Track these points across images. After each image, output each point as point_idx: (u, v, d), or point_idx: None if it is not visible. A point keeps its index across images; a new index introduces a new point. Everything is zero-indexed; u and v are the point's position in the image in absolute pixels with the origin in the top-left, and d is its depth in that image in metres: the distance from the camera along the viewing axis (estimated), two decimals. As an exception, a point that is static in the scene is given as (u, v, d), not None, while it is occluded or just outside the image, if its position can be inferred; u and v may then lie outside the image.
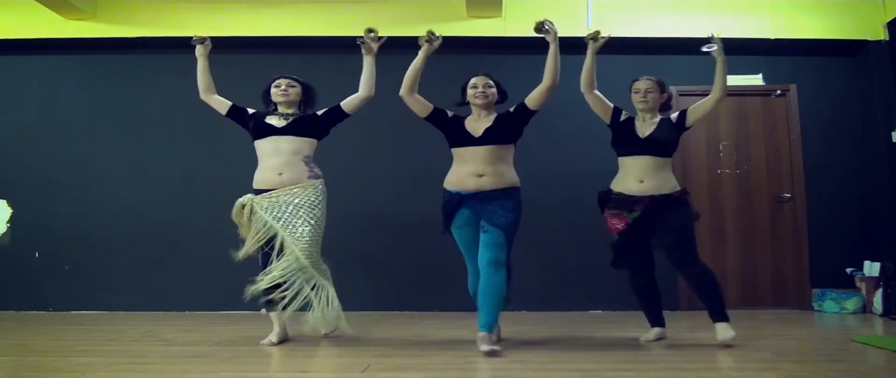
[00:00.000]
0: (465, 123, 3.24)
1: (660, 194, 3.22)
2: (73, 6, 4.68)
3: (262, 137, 3.42)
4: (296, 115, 3.48)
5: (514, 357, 2.89)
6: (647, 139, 3.27)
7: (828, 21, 4.90)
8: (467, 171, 3.15)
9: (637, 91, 3.36)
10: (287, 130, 3.40)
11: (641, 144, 3.27)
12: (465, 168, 3.17)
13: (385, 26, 4.78)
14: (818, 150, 4.96)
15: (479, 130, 3.18)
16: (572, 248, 4.72)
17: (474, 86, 3.26)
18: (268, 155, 3.39)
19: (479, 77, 3.30)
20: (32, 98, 5.06)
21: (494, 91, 3.28)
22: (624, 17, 4.85)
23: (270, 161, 3.38)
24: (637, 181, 3.24)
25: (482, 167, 3.13)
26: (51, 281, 4.84)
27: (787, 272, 4.90)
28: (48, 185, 4.94)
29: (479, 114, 3.27)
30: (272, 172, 3.37)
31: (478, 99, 3.23)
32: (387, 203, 4.82)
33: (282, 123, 3.41)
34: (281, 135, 3.39)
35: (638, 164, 3.26)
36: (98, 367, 2.73)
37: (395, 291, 4.76)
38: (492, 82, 3.29)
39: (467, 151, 3.17)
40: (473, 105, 3.27)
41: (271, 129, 3.40)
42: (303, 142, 3.42)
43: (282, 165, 3.36)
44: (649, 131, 3.30)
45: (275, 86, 3.50)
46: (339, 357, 3.09)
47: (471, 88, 3.27)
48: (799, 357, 2.91)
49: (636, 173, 3.25)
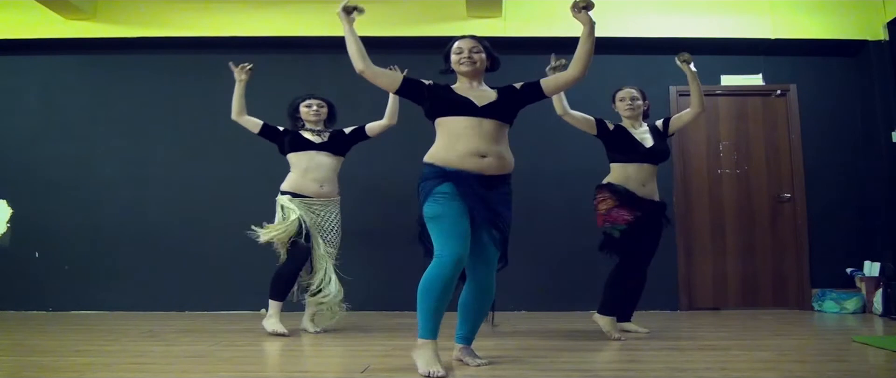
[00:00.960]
0: (456, 90, 2.73)
1: (657, 201, 3.50)
2: (73, 6, 4.68)
3: (300, 151, 3.78)
4: (327, 131, 3.87)
5: (514, 357, 2.89)
6: (651, 149, 3.49)
7: (828, 21, 4.90)
8: (469, 149, 2.60)
9: (623, 99, 3.58)
10: (325, 147, 3.80)
11: (645, 153, 3.48)
12: (465, 144, 2.60)
13: (385, 26, 4.82)
14: (818, 150, 4.96)
15: (479, 100, 2.66)
16: (572, 248, 4.72)
17: (459, 50, 2.76)
18: (308, 167, 3.75)
19: (465, 40, 2.79)
20: (32, 98, 5.06)
21: (483, 57, 2.77)
22: (624, 17, 4.85)
23: (312, 173, 3.75)
24: (640, 185, 3.45)
25: (485, 145, 2.61)
26: (51, 281, 4.84)
27: (787, 272, 4.90)
28: (48, 185, 4.94)
29: (470, 83, 2.77)
30: (314, 183, 3.75)
31: (464, 65, 2.73)
32: (386, 203, 4.82)
33: (318, 140, 3.81)
34: (320, 150, 3.78)
35: (640, 171, 3.47)
36: (98, 367, 2.73)
37: (395, 291, 4.75)
38: (480, 46, 2.77)
39: (465, 122, 2.62)
40: (460, 72, 2.77)
41: (310, 143, 3.78)
42: (337, 160, 3.85)
43: (323, 179, 3.77)
44: (649, 140, 3.51)
45: (306, 105, 3.86)
46: (339, 357, 3.09)
47: (455, 54, 2.77)
48: (799, 357, 2.91)
49: (639, 179, 3.46)
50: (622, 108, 3.57)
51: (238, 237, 3.93)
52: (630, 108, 3.54)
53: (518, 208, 2.84)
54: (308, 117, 3.85)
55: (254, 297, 4.70)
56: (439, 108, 2.67)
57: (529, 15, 4.87)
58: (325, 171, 3.77)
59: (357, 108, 4.40)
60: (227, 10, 4.93)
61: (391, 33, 4.78)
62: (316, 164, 3.75)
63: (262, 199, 4.06)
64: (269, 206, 3.90)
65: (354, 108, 4.41)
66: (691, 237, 4.90)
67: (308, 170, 3.75)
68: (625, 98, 3.57)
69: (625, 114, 3.57)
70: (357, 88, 4.02)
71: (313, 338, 3.59)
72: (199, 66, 5.04)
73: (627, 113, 3.56)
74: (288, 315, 3.99)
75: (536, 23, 4.83)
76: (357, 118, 4.05)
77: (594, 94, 4.11)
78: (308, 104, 3.87)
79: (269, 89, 4.54)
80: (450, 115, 2.65)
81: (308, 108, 3.85)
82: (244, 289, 4.70)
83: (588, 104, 3.74)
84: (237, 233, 3.96)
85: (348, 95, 4.48)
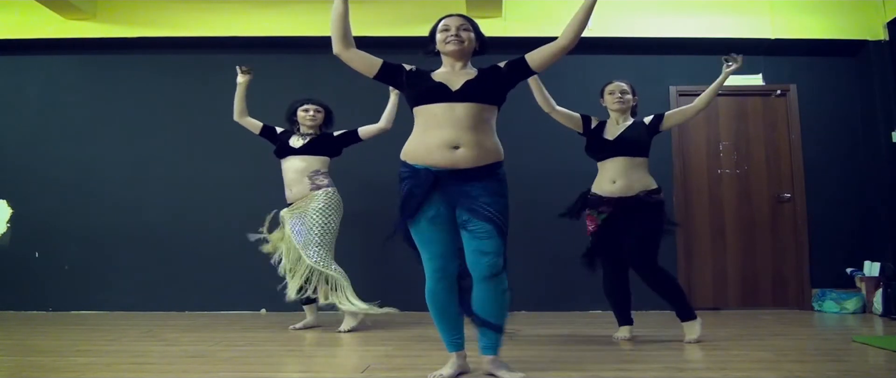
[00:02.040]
0: (434, 76, 2.51)
1: (628, 196, 3.29)
2: (73, 6, 4.68)
3: (283, 157, 3.88)
4: (313, 135, 3.90)
5: (514, 357, 2.89)
6: (616, 140, 3.36)
7: (828, 21, 4.90)
8: (438, 139, 2.38)
9: (612, 92, 3.46)
10: (302, 150, 3.84)
11: (612, 146, 3.35)
12: (435, 135, 2.38)
13: (385, 26, 4.82)
14: (818, 150, 4.96)
15: (457, 84, 2.43)
16: (572, 248, 4.71)
17: (446, 27, 2.53)
18: (286, 173, 3.86)
19: (453, 17, 2.56)
20: (33, 98, 5.06)
21: (472, 36, 2.54)
22: (623, 17, 4.84)
23: (287, 178, 3.85)
24: (610, 182, 3.33)
25: (458, 134, 2.37)
26: (51, 281, 4.84)
27: (787, 272, 4.90)
28: (48, 185, 4.94)
29: (453, 66, 2.53)
30: (287, 189, 3.86)
31: (450, 44, 2.50)
32: (385, 203, 4.81)
33: (299, 143, 3.86)
34: (297, 155, 3.84)
35: (612, 166, 3.35)
36: (98, 367, 2.73)
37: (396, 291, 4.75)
38: (469, 24, 2.55)
39: (438, 109, 2.40)
40: (445, 53, 2.54)
41: (291, 150, 3.86)
42: (314, 159, 3.85)
43: (291, 182, 3.83)
44: (618, 132, 3.38)
45: (303, 109, 3.91)
46: (339, 357, 3.09)
47: (441, 32, 2.54)
48: (799, 357, 2.91)
49: (610, 174, 3.34)
50: (611, 101, 3.45)
51: (238, 237, 3.94)
52: (619, 101, 3.42)
53: (518, 208, 2.82)
54: (304, 121, 3.90)
55: (254, 297, 4.71)
56: (414, 96, 2.47)
57: (529, 15, 4.87)
58: (292, 174, 3.83)
59: (356, 108, 4.40)
60: (227, 10, 4.92)
61: (391, 33, 4.78)
62: (289, 169, 3.85)
63: (261, 199, 4.07)
64: (269, 207, 3.91)
65: (354, 108, 4.41)
66: (691, 237, 4.89)
67: (285, 176, 3.86)
68: (614, 91, 3.45)
69: (613, 107, 3.46)
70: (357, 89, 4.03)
71: (313, 338, 3.59)
72: (199, 66, 5.04)
73: (615, 106, 3.44)
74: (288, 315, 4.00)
75: (536, 23, 4.83)
76: (356, 118, 4.05)
77: (594, 95, 4.10)
78: (306, 108, 3.91)
79: (269, 89, 4.54)
80: (424, 103, 2.44)
81: (305, 112, 3.90)
82: (244, 289, 4.70)
83: (588, 104, 3.72)
84: (237, 233, 3.97)
85: (348, 96, 4.48)
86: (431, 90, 2.43)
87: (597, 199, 3.38)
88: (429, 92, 2.43)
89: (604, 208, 3.34)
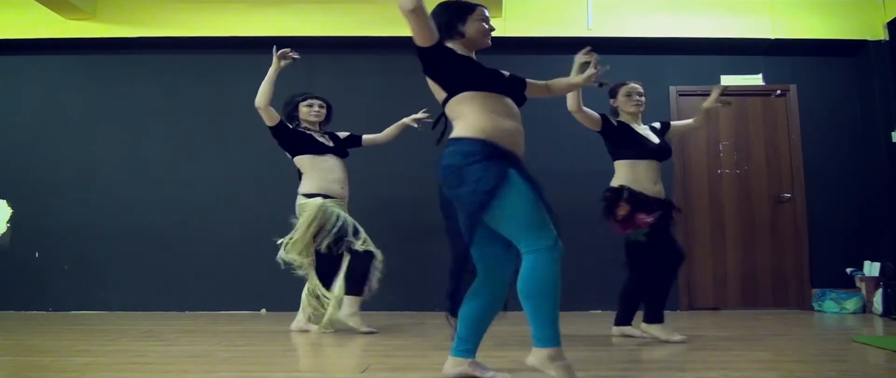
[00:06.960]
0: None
1: (666, 199, 3.40)
2: (73, 6, 4.68)
3: (316, 154, 3.72)
4: (328, 134, 3.85)
5: (514, 357, 2.89)
6: (659, 146, 3.41)
7: (828, 21, 4.90)
8: (515, 127, 2.29)
9: (629, 94, 3.45)
10: (334, 151, 3.78)
11: (654, 149, 3.39)
12: (510, 123, 2.28)
13: (385, 26, 4.81)
14: (818, 150, 4.96)
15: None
16: (572, 248, 4.67)
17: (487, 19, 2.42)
18: (330, 169, 3.73)
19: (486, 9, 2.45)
20: (32, 98, 5.06)
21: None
22: (624, 17, 4.85)
23: (332, 175, 3.73)
24: (652, 183, 3.35)
25: (519, 127, 2.33)
26: (51, 281, 4.84)
27: (787, 272, 4.90)
28: (48, 185, 4.94)
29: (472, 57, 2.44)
30: (336, 184, 3.73)
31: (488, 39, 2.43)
32: (385, 203, 4.82)
33: (330, 143, 3.80)
34: (334, 154, 3.77)
35: (650, 168, 3.36)
36: (98, 367, 2.73)
37: (395, 291, 4.75)
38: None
39: (508, 101, 2.33)
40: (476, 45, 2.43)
41: (323, 146, 3.75)
42: (345, 163, 3.84)
43: (344, 181, 3.77)
44: (654, 138, 3.43)
45: (307, 105, 3.80)
46: (339, 357, 3.09)
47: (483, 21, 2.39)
48: (799, 357, 2.90)
49: (649, 176, 3.36)
50: (628, 103, 3.43)
51: (238, 237, 3.95)
52: (636, 103, 3.42)
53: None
54: (308, 117, 3.81)
55: (254, 297, 4.71)
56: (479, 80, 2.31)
57: (529, 15, 4.87)
58: (340, 173, 3.76)
59: (355, 108, 4.40)
60: (228, 10, 4.92)
61: (391, 33, 4.77)
62: (330, 167, 3.74)
63: (261, 199, 4.08)
64: (268, 206, 3.91)
65: (353, 109, 4.41)
66: (691, 237, 4.89)
67: (327, 172, 3.72)
68: (632, 93, 3.42)
69: (629, 109, 3.43)
70: (356, 89, 4.04)
71: (313, 338, 3.59)
72: (199, 66, 5.04)
73: (632, 108, 3.42)
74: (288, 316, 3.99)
75: (536, 23, 4.82)
76: (355, 118, 4.05)
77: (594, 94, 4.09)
78: (309, 104, 3.82)
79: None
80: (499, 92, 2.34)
81: (309, 107, 3.81)
82: (244, 289, 4.70)
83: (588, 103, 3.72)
84: (237, 233, 3.98)
85: (347, 96, 4.48)
86: (500, 80, 2.33)
87: (645, 199, 3.29)
88: (498, 78, 2.33)
89: (656, 208, 3.29)
